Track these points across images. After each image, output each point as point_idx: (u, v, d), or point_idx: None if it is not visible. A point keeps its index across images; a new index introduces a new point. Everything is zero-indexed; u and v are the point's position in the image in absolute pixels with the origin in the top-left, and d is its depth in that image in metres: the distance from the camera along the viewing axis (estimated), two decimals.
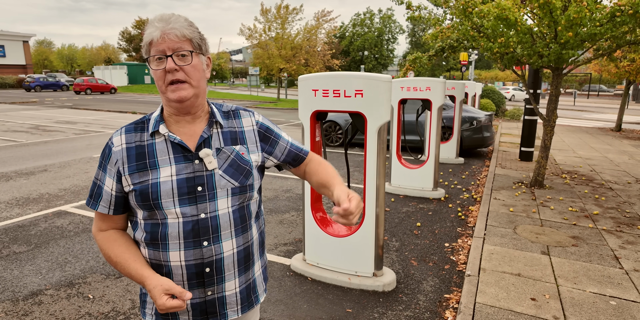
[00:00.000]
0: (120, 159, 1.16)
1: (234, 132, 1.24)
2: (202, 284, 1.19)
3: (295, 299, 3.06)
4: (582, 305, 2.93)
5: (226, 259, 1.20)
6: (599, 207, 5.31)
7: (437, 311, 2.94)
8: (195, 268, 1.17)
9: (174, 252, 1.16)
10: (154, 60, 1.11)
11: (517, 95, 33.11)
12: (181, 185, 1.14)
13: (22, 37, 43.10)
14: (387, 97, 3.04)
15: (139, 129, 1.19)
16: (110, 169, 1.17)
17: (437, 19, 6.41)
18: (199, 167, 1.16)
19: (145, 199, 1.14)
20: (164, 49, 1.09)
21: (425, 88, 5.84)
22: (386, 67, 57.52)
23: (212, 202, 1.17)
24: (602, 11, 4.84)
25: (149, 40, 1.10)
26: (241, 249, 1.24)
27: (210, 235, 1.17)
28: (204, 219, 1.16)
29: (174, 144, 1.16)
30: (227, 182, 1.18)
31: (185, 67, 1.11)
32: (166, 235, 1.16)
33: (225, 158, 1.20)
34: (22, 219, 4.61)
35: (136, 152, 1.16)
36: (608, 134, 13.33)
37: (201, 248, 1.17)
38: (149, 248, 1.19)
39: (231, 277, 1.23)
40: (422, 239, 4.28)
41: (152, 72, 1.14)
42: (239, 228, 1.23)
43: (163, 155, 1.16)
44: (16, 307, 2.86)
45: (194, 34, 1.13)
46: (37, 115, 15.90)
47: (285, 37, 25.27)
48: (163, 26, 1.09)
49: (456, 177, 7.14)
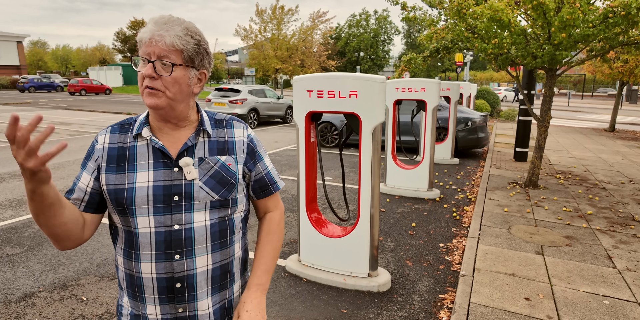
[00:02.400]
0: (101, 156, 1.13)
1: (222, 142, 1.17)
2: (172, 300, 1.12)
3: (290, 300, 3.06)
4: (576, 305, 2.94)
5: (199, 276, 1.12)
6: (592, 207, 5.34)
7: (432, 311, 2.95)
8: (166, 282, 1.10)
9: (145, 263, 1.10)
10: (140, 61, 1.08)
11: (509, 96, 33.37)
12: (157, 193, 1.08)
13: (16, 38, 42.83)
14: (382, 98, 3.05)
15: (124, 130, 1.15)
16: (90, 166, 1.13)
17: (432, 20, 6.43)
18: (177, 176, 1.10)
19: (120, 204, 1.09)
20: (150, 53, 1.04)
21: (420, 89, 5.86)
22: (382, 68, 57.66)
23: (188, 214, 1.10)
24: (594, 12, 4.88)
25: (139, 39, 1.07)
26: (217, 266, 1.15)
27: (183, 248, 1.10)
28: (178, 231, 1.09)
29: (155, 149, 1.11)
30: (207, 195, 1.11)
31: (164, 78, 1.05)
32: (138, 245, 1.10)
33: (207, 169, 1.13)
34: (16, 221, 4.57)
35: (117, 153, 1.12)
36: (602, 135, 13.42)
37: (172, 261, 1.09)
38: (124, 256, 1.13)
39: (204, 296, 1.14)
40: (417, 240, 4.29)
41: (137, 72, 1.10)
42: (216, 243, 1.14)
43: (142, 160, 1.11)
44: (9, 310, 2.84)
45: (187, 46, 1.05)
46: (31, 116, 15.79)
47: (280, 37, 25.31)
48: (155, 30, 1.04)
49: (451, 177, 7.16)
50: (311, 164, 3.42)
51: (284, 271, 3.51)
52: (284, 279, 3.39)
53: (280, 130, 13.07)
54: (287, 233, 4.40)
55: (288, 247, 4.03)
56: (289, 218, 4.86)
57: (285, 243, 4.14)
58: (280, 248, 1.33)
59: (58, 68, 65.77)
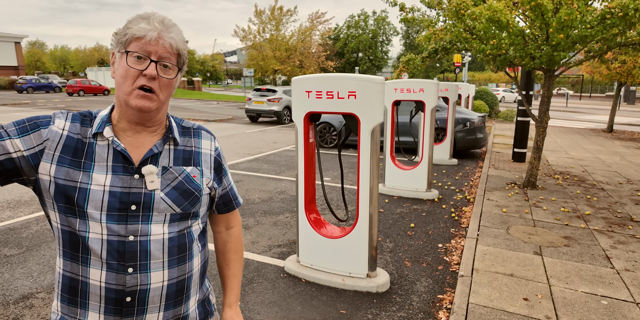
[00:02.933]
0: (54, 140, 0.99)
1: (188, 151, 1.11)
2: (119, 313, 1.03)
3: (289, 300, 3.06)
4: (574, 305, 2.95)
5: (152, 291, 1.03)
6: (590, 207, 5.35)
7: (431, 312, 2.95)
8: (115, 294, 1.01)
9: (94, 269, 1.00)
10: (132, 56, 0.98)
11: (507, 97, 33.49)
12: (112, 199, 0.99)
13: (14, 38, 42.75)
14: (380, 98, 3.05)
15: (85, 123, 1.04)
16: (32, 137, 0.98)
17: (430, 21, 6.45)
18: (137, 183, 1.02)
19: (69, 202, 0.98)
20: (151, 52, 0.98)
21: (418, 89, 5.87)
22: (380, 68, 57.69)
23: (145, 225, 1.02)
24: (592, 13, 4.90)
25: (139, 35, 0.98)
26: (174, 282, 1.07)
27: (138, 261, 1.01)
28: (132, 242, 1.00)
29: (116, 152, 1.02)
30: (168, 207, 1.04)
31: (163, 80, 1.01)
32: (88, 250, 1.00)
33: (171, 179, 1.05)
34: (14, 222, 4.56)
35: (75, 146, 1.01)
36: (600, 135, 13.46)
37: (124, 274, 1.00)
38: (66, 258, 1.02)
39: (155, 310, 1.06)
40: (415, 240, 4.29)
41: (122, 67, 0.99)
42: (174, 258, 1.06)
43: (101, 161, 1.01)
44: (7, 311, 2.83)
45: (184, 51, 1.05)
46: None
47: (279, 38, 25.30)
48: (163, 30, 0.99)
49: (450, 178, 7.17)
50: (310, 165, 3.42)
51: (283, 272, 3.51)
52: (282, 279, 3.38)
53: (279, 131, 13.08)
54: (285, 234, 4.40)
55: (287, 248, 4.02)
56: (287, 219, 4.86)
57: (284, 244, 4.14)
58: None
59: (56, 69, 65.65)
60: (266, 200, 5.57)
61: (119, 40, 1.01)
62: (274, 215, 4.96)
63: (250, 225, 4.63)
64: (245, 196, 5.71)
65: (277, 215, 4.96)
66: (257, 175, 6.97)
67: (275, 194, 5.87)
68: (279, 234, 4.38)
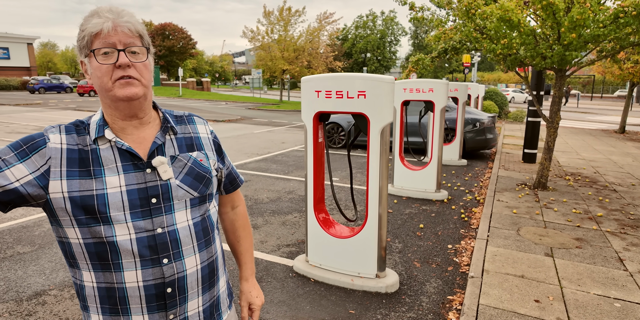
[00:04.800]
0: (56, 158, 0.98)
1: (189, 138, 1.14)
2: (163, 307, 1.05)
3: (298, 300, 3.06)
4: (586, 307, 2.91)
5: (189, 277, 1.08)
6: (602, 209, 5.28)
7: (440, 313, 2.93)
8: (156, 289, 1.03)
9: (129, 271, 1.01)
10: (99, 54, 0.97)
11: (516, 98, 33.22)
12: (132, 197, 1.01)
13: (26, 39, 43.37)
14: (390, 98, 3.04)
15: (80, 132, 1.03)
16: (34, 162, 0.97)
17: (440, 21, 6.41)
18: (151, 177, 1.03)
19: (90, 211, 0.98)
20: (115, 42, 0.97)
21: (428, 89, 5.84)
22: (389, 69, 57.55)
23: (169, 215, 1.05)
24: (605, 12, 4.84)
25: (96, 31, 0.96)
26: (205, 264, 1.12)
27: (171, 251, 1.04)
28: (162, 234, 1.03)
29: (122, 151, 1.03)
30: (186, 193, 1.07)
31: (137, 65, 1.00)
32: (118, 253, 1.00)
33: (181, 166, 1.08)
34: (26, 220, 4.63)
35: (79, 156, 1.00)
36: (612, 136, 13.28)
37: (161, 266, 1.03)
38: (96, 270, 1.02)
39: (194, 296, 1.10)
40: (425, 241, 4.27)
41: (95, 68, 0.98)
42: (202, 242, 1.11)
43: (110, 164, 1.01)
44: (20, 307, 2.87)
45: (144, 31, 1.04)
46: (41, 117, 15.97)
47: (287, 39, 25.33)
48: (115, 18, 0.97)
49: (459, 178, 7.12)
50: (319, 165, 3.42)
51: (292, 271, 3.52)
52: (291, 279, 3.39)
53: (287, 131, 13.10)
54: (294, 233, 4.40)
55: (295, 247, 4.03)
56: (296, 218, 4.86)
57: (293, 243, 4.14)
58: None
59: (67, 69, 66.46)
60: (275, 200, 5.58)
61: (80, 45, 1.00)
62: (282, 215, 4.97)
63: (259, 224, 4.65)
64: (254, 196, 5.73)
65: (286, 215, 4.97)
66: (266, 175, 6.99)
67: (283, 193, 5.88)
68: (288, 234, 4.38)
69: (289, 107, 23.37)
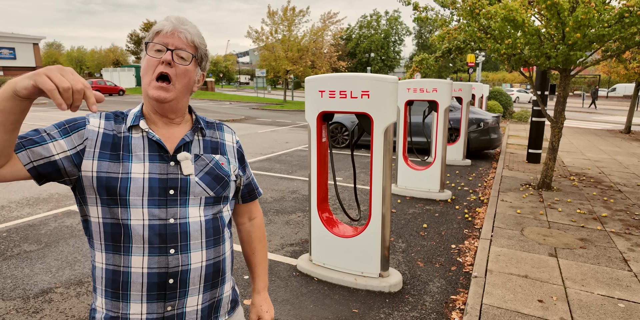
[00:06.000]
0: (92, 139, 1.06)
1: (215, 142, 1.21)
2: (162, 298, 1.08)
3: (301, 298, 3.08)
4: (590, 308, 2.91)
5: (193, 272, 1.10)
6: (607, 209, 5.26)
7: (444, 312, 2.93)
8: (158, 277, 1.06)
9: (136, 256, 1.06)
10: (152, 49, 1.07)
11: (521, 97, 33.08)
12: (153, 185, 1.07)
13: (32, 40, 43.66)
14: (394, 98, 3.05)
15: (118, 121, 1.12)
16: (73, 140, 1.04)
17: (444, 20, 6.41)
18: (173, 170, 1.10)
19: (112, 193, 1.04)
20: (168, 43, 1.06)
21: (431, 89, 5.84)
22: (393, 68, 57.44)
23: (183, 208, 1.09)
24: (610, 12, 4.82)
25: (159, 29, 1.07)
26: (211, 263, 1.14)
27: (179, 242, 1.08)
28: (173, 225, 1.08)
29: (151, 142, 1.10)
30: (202, 191, 1.12)
31: (178, 66, 1.07)
32: (130, 237, 1.05)
33: (203, 165, 1.14)
34: (33, 219, 4.67)
35: (112, 141, 1.08)
36: (617, 136, 13.20)
37: (167, 256, 1.07)
38: (108, 251, 1.08)
39: (195, 292, 1.12)
40: (428, 241, 4.28)
41: (145, 60, 1.08)
42: (210, 240, 1.14)
43: (138, 151, 1.08)
44: (27, 305, 2.91)
45: (202, 45, 1.12)
46: (47, 116, 16.08)
47: (291, 39, 25.35)
48: (178, 24, 1.08)
49: (463, 178, 7.11)
50: (322, 164, 3.43)
51: (295, 270, 3.53)
52: (295, 278, 3.40)
53: (291, 131, 13.12)
54: (298, 233, 4.42)
55: (299, 247, 4.04)
56: (299, 218, 4.88)
57: (296, 242, 4.16)
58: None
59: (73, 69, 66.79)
60: (278, 199, 5.60)
61: (149, 36, 1.10)
62: (286, 214, 4.99)
63: None
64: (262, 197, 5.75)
65: (290, 214, 4.99)
66: (270, 174, 7.01)
67: (287, 193, 5.90)
68: (292, 233, 4.40)
69: (292, 107, 23.39)
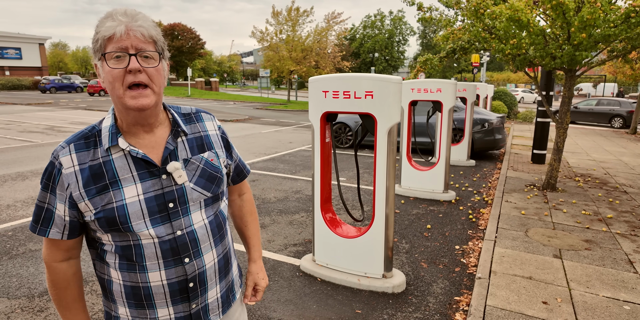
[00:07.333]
0: (73, 183, 1.02)
1: (199, 138, 1.16)
2: (186, 299, 1.12)
3: (304, 299, 3.08)
4: (595, 310, 2.89)
5: (208, 270, 1.15)
6: (613, 210, 5.23)
7: (447, 313, 2.92)
8: (179, 285, 1.10)
9: (153, 272, 1.07)
10: (111, 58, 0.97)
11: (526, 98, 32.95)
12: (150, 204, 1.04)
13: (38, 40, 43.94)
14: (397, 98, 3.04)
15: (91, 145, 1.04)
16: (61, 194, 1.03)
17: (449, 21, 6.39)
18: (167, 183, 1.06)
19: (113, 224, 1.02)
20: (127, 47, 0.96)
21: (436, 89, 5.82)
22: (397, 69, 57.35)
23: (187, 217, 1.09)
24: (616, 12, 4.78)
25: (109, 34, 0.96)
26: (221, 256, 1.20)
27: (191, 251, 1.10)
28: (181, 236, 1.08)
29: (137, 160, 1.04)
30: (200, 195, 1.11)
31: (149, 70, 0.99)
32: (142, 257, 1.05)
33: (194, 169, 1.11)
34: None
35: (92, 173, 1.02)
36: (623, 137, 13.11)
37: (183, 265, 1.09)
38: (123, 270, 1.07)
39: (213, 286, 1.18)
40: (432, 241, 4.26)
41: (106, 72, 0.97)
42: (217, 237, 1.18)
43: (125, 173, 1.02)
44: (32, 304, 2.92)
45: (159, 36, 1.03)
46: (52, 116, 16.19)
47: (295, 39, 25.36)
48: (128, 21, 0.97)
49: (467, 179, 7.09)
50: (326, 165, 3.43)
51: (299, 270, 3.53)
52: (298, 278, 3.40)
53: (295, 131, 13.13)
54: (301, 233, 4.42)
55: (302, 247, 4.04)
56: (303, 218, 4.88)
57: (300, 242, 4.16)
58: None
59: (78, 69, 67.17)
60: (282, 199, 5.61)
61: (94, 48, 1.00)
62: (289, 215, 4.99)
63: (266, 224, 4.67)
64: (261, 195, 5.76)
65: (293, 215, 4.99)
66: (273, 174, 7.02)
67: (290, 193, 5.90)
68: (295, 233, 4.40)
69: (296, 107, 23.40)
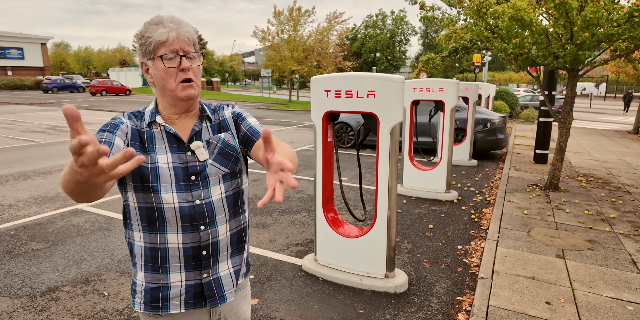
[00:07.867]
0: (128, 134, 1.21)
1: (218, 123, 1.32)
2: (198, 267, 1.26)
3: (306, 299, 3.07)
4: (598, 310, 2.87)
5: (221, 242, 1.28)
6: (615, 210, 5.21)
7: (450, 313, 2.92)
8: (193, 251, 1.23)
9: (172, 234, 1.22)
10: (165, 59, 1.16)
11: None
12: (177, 172, 1.21)
13: (40, 40, 44.05)
14: (400, 97, 3.03)
15: (138, 118, 1.26)
16: (121, 135, 1.17)
17: (451, 20, 6.37)
18: (191, 158, 1.23)
19: (145, 181, 1.18)
20: (177, 49, 1.17)
21: (438, 89, 5.81)
22: (398, 68, 57.32)
23: (206, 190, 1.24)
24: (619, 11, 4.76)
25: (163, 39, 1.15)
26: (234, 231, 1.32)
27: (207, 219, 1.24)
28: (199, 205, 1.23)
29: (169, 135, 1.23)
30: (218, 170, 1.25)
31: (194, 68, 1.20)
32: (164, 218, 1.21)
33: (213, 147, 1.27)
34: (40, 217, 4.70)
35: (138, 135, 1.22)
36: (625, 137, 13.07)
37: (199, 232, 1.23)
38: (145, 231, 1.23)
39: (225, 258, 1.31)
40: (434, 241, 4.25)
41: (161, 69, 1.17)
42: (232, 212, 1.30)
43: (160, 144, 1.22)
44: (34, 303, 2.92)
45: (197, 40, 1.25)
46: (54, 116, 16.22)
47: (297, 39, 25.34)
48: (177, 28, 1.17)
49: (469, 179, 7.07)
50: (328, 164, 3.43)
51: (301, 270, 3.53)
52: (300, 278, 3.40)
53: (297, 131, 13.12)
54: (303, 232, 4.41)
55: (304, 247, 4.04)
56: (305, 218, 4.87)
57: (302, 242, 4.15)
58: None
59: (80, 69, 67.30)
60: (284, 199, 5.60)
61: (145, 50, 1.18)
62: (291, 214, 4.99)
63: (268, 223, 4.67)
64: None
65: (295, 214, 4.98)
66: None
67: (292, 193, 5.89)
68: (297, 233, 4.40)
69: (298, 107, 23.39)
